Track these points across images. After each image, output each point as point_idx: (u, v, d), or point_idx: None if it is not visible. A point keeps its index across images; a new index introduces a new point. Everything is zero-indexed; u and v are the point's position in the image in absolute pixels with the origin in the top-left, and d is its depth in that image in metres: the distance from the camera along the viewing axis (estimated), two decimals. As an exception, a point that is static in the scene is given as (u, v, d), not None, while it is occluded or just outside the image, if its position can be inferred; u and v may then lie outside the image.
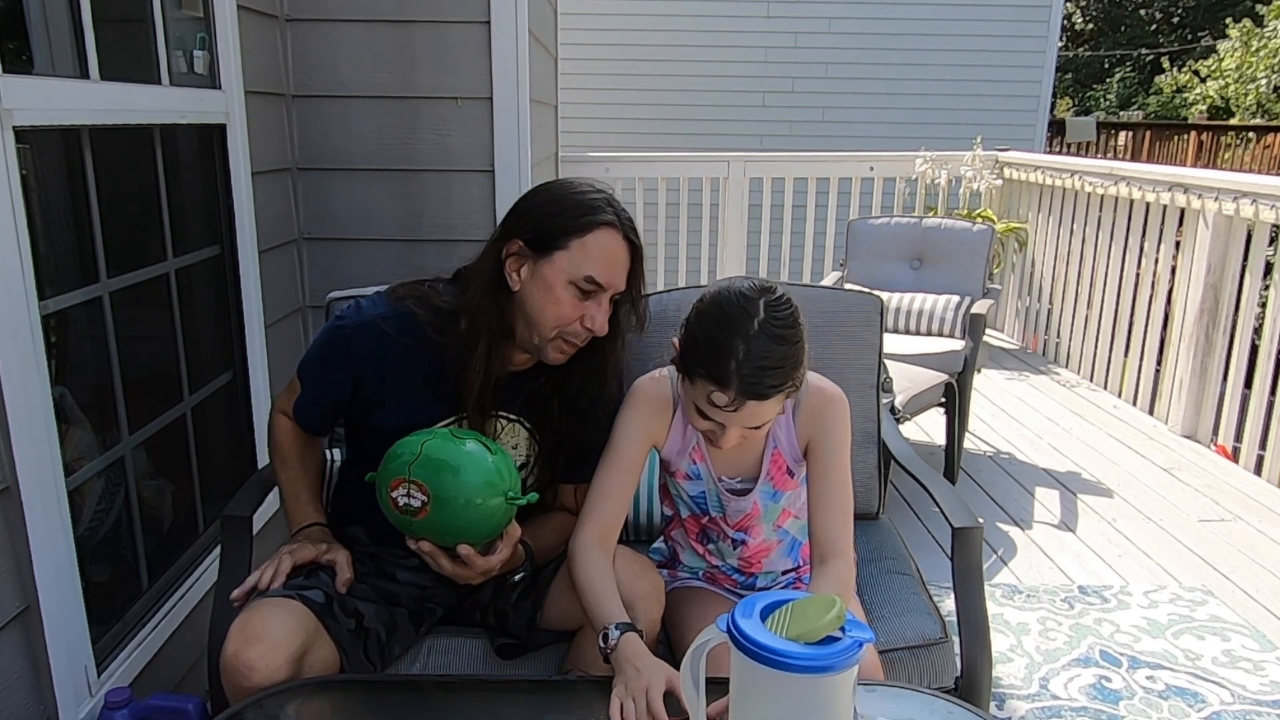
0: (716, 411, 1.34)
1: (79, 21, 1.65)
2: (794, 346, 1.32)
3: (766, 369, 1.29)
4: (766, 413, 1.34)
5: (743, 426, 1.36)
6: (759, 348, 1.28)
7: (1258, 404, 3.62)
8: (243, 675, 1.27)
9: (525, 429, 1.55)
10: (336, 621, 1.40)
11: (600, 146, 5.98)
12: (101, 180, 1.73)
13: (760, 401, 1.31)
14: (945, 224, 4.08)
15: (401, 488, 1.30)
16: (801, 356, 1.34)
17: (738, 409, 1.31)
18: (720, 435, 1.38)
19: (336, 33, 2.60)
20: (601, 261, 1.39)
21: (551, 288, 1.39)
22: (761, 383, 1.29)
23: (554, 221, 1.40)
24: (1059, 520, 3.18)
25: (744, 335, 1.29)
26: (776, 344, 1.30)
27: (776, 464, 1.51)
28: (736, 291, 1.33)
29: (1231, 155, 11.88)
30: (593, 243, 1.38)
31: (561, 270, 1.39)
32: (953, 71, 7.18)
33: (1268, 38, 15.03)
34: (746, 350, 1.28)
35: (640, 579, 1.44)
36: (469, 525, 1.32)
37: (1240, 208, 3.65)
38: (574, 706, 1.29)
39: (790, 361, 1.32)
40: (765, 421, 1.37)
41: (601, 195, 1.43)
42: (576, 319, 1.40)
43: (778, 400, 1.34)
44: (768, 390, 1.30)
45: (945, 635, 1.61)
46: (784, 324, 1.31)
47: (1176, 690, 2.21)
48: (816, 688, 1.00)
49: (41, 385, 1.49)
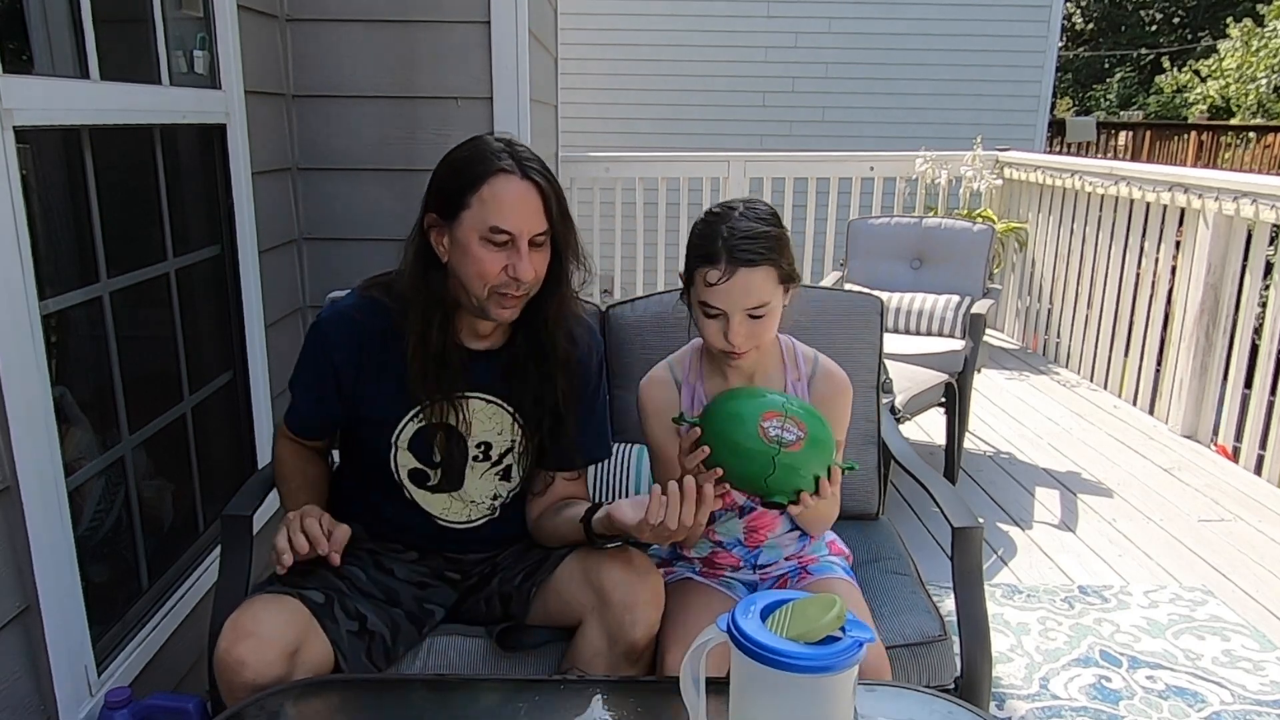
0: (714, 294, 1.42)
1: (79, 21, 1.65)
2: (775, 229, 1.46)
3: (750, 237, 1.42)
4: (759, 287, 1.42)
5: (742, 310, 1.42)
6: (742, 225, 1.43)
7: (1258, 404, 3.62)
8: (234, 671, 1.27)
9: (506, 411, 1.55)
10: (335, 622, 1.40)
11: (600, 146, 5.97)
12: (102, 180, 1.73)
13: (749, 269, 1.40)
14: (945, 224, 4.08)
15: (777, 419, 1.33)
16: (785, 244, 1.46)
17: (729, 278, 1.40)
18: (727, 330, 1.43)
19: (336, 33, 2.60)
20: (502, 208, 1.38)
21: (468, 248, 1.40)
22: (747, 249, 1.41)
23: (453, 183, 1.41)
24: (1059, 520, 3.18)
25: (727, 221, 1.44)
26: (757, 223, 1.44)
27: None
28: (723, 201, 1.50)
29: (1231, 155, 11.88)
30: (489, 193, 1.38)
31: (471, 229, 1.39)
32: (953, 71, 7.18)
33: (1268, 37, 15.02)
34: (730, 229, 1.42)
35: (640, 584, 1.43)
36: (808, 477, 1.34)
37: (1240, 208, 3.65)
38: (574, 706, 1.29)
39: (773, 239, 1.44)
40: (762, 303, 1.43)
41: (499, 144, 1.42)
42: (499, 270, 1.39)
43: (767, 275, 1.42)
44: (754, 256, 1.41)
45: (944, 633, 1.61)
46: (762, 213, 1.47)
47: (1176, 690, 2.21)
48: (816, 688, 1.00)
49: (41, 385, 1.49)
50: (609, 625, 1.41)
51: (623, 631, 1.40)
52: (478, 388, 1.52)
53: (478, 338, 1.52)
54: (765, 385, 1.57)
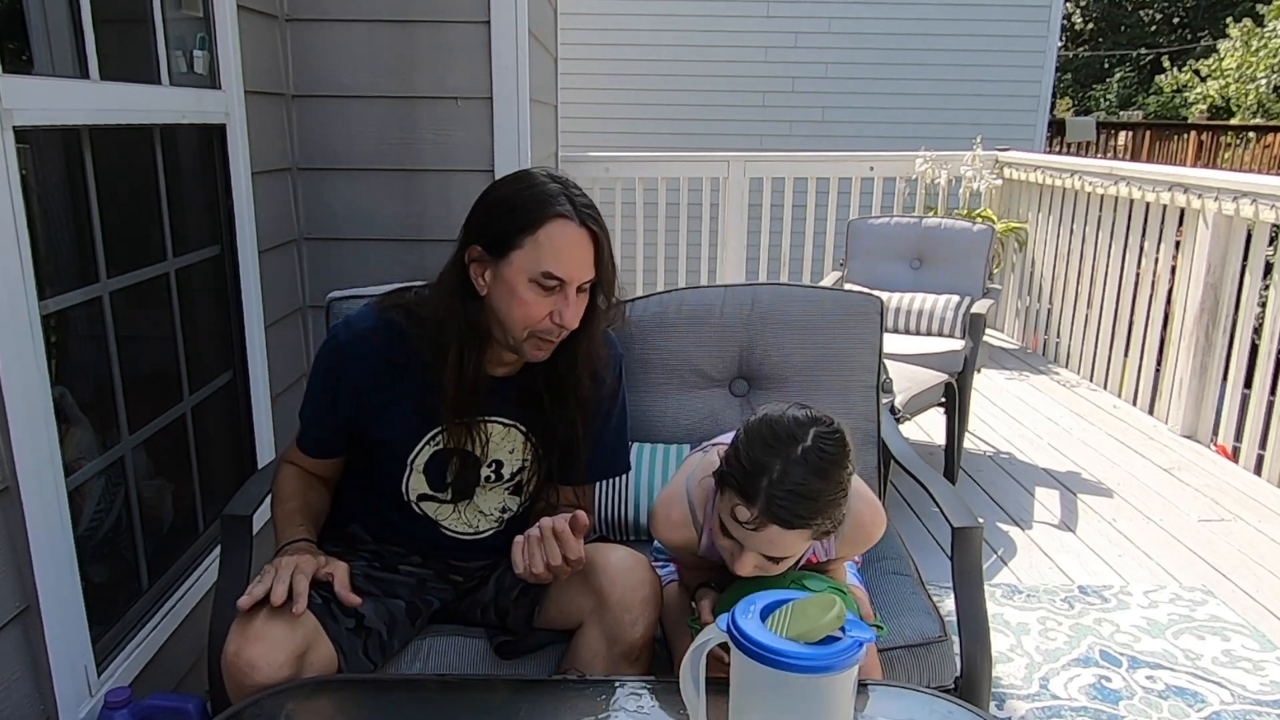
0: (738, 529, 1.25)
1: (79, 21, 1.65)
2: (833, 484, 1.24)
3: (797, 495, 1.21)
4: (788, 545, 1.26)
5: (760, 554, 1.27)
6: (796, 473, 1.21)
7: (1258, 404, 3.62)
8: (244, 674, 1.27)
9: (520, 432, 1.55)
10: (335, 621, 1.40)
11: (600, 146, 5.97)
12: (101, 180, 1.73)
13: (783, 529, 1.23)
14: (945, 224, 4.08)
15: None
16: (840, 498, 1.25)
17: (758, 529, 1.23)
18: (737, 558, 1.29)
19: (336, 33, 2.60)
20: (558, 255, 1.35)
21: (514, 289, 1.36)
22: (788, 508, 1.21)
23: (506, 221, 1.37)
24: (1059, 520, 3.18)
25: (784, 458, 1.21)
26: (815, 475, 1.21)
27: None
28: (790, 417, 1.25)
29: (1231, 155, 11.88)
30: (545, 238, 1.34)
31: (520, 270, 1.36)
32: (953, 71, 7.18)
33: (1268, 37, 15.02)
34: (783, 472, 1.21)
35: (638, 585, 1.43)
36: None
37: (1240, 208, 3.65)
38: (574, 707, 1.29)
39: (826, 498, 1.23)
40: (785, 556, 1.28)
41: (555, 185, 1.38)
42: (545, 316, 1.38)
43: (802, 536, 1.25)
44: (794, 518, 1.21)
45: (944, 634, 1.61)
46: (829, 457, 1.23)
47: (1176, 690, 2.21)
48: (816, 688, 1.00)
49: (41, 385, 1.49)
50: (608, 626, 1.41)
51: (622, 632, 1.40)
52: (497, 412, 1.52)
53: (500, 365, 1.51)
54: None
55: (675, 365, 1.98)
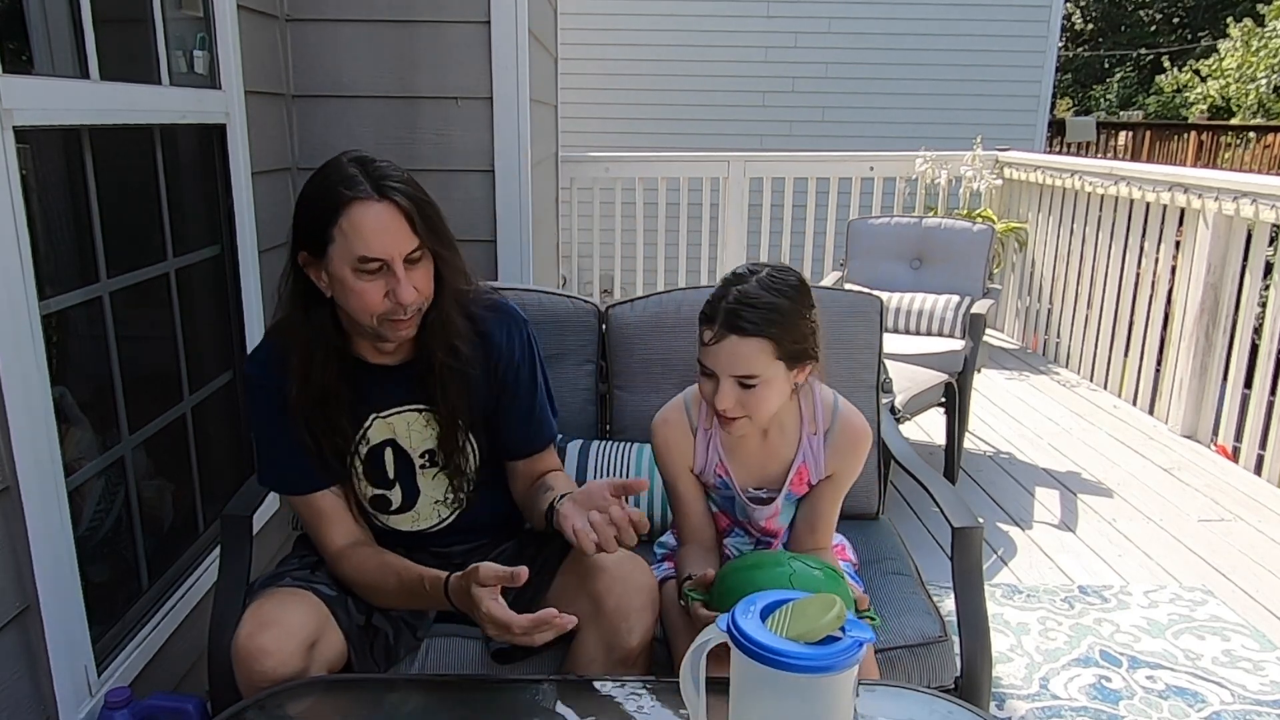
0: (705, 354, 1.40)
1: (79, 21, 1.65)
2: (786, 301, 1.38)
3: (748, 304, 1.36)
4: (749, 358, 1.37)
5: (730, 376, 1.38)
6: (749, 289, 1.38)
7: (1258, 404, 3.61)
8: (256, 660, 1.27)
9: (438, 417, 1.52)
10: (348, 614, 1.40)
11: (600, 146, 5.97)
12: (101, 180, 1.73)
13: (739, 338, 1.36)
14: (945, 224, 4.08)
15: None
16: (796, 320, 1.39)
17: (718, 342, 1.37)
18: (716, 394, 1.40)
19: (336, 33, 2.60)
20: (365, 237, 1.31)
21: (344, 282, 1.34)
22: (740, 315, 1.35)
23: (312, 219, 1.35)
24: (1059, 520, 3.18)
25: (741, 284, 1.39)
26: (765, 291, 1.38)
27: (800, 475, 1.55)
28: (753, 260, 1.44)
29: (1231, 155, 11.87)
30: (349, 225, 1.31)
31: (341, 262, 1.33)
32: (953, 71, 7.18)
33: (1268, 37, 15.01)
34: (739, 293, 1.38)
35: (635, 592, 1.42)
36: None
37: (1240, 208, 3.65)
38: (573, 706, 1.29)
39: (779, 312, 1.37)
40: (751, 374, 1.38)
41: (353, 168, 1.34)
42: (381, 299, 1.34)
43: (761, 347, 1.36)
44: (747, 324, 1.35)
45: (944, 634, 1.61)
46: (780, 280, 1.39)
47: (1176, 690, 2.21)
48: (816, 688, 1.00)
49: (41, 385, 1.49)
50: (604, 633, 1.40)
51: (618, 639, 1.40)
52: (404, 401, 1.50)
53: (384, 354, 1.48)
54: (781, 437, 1.53)
55: (676, 365, 1.98)
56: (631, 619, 1.39)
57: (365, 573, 1.46)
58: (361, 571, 1.46)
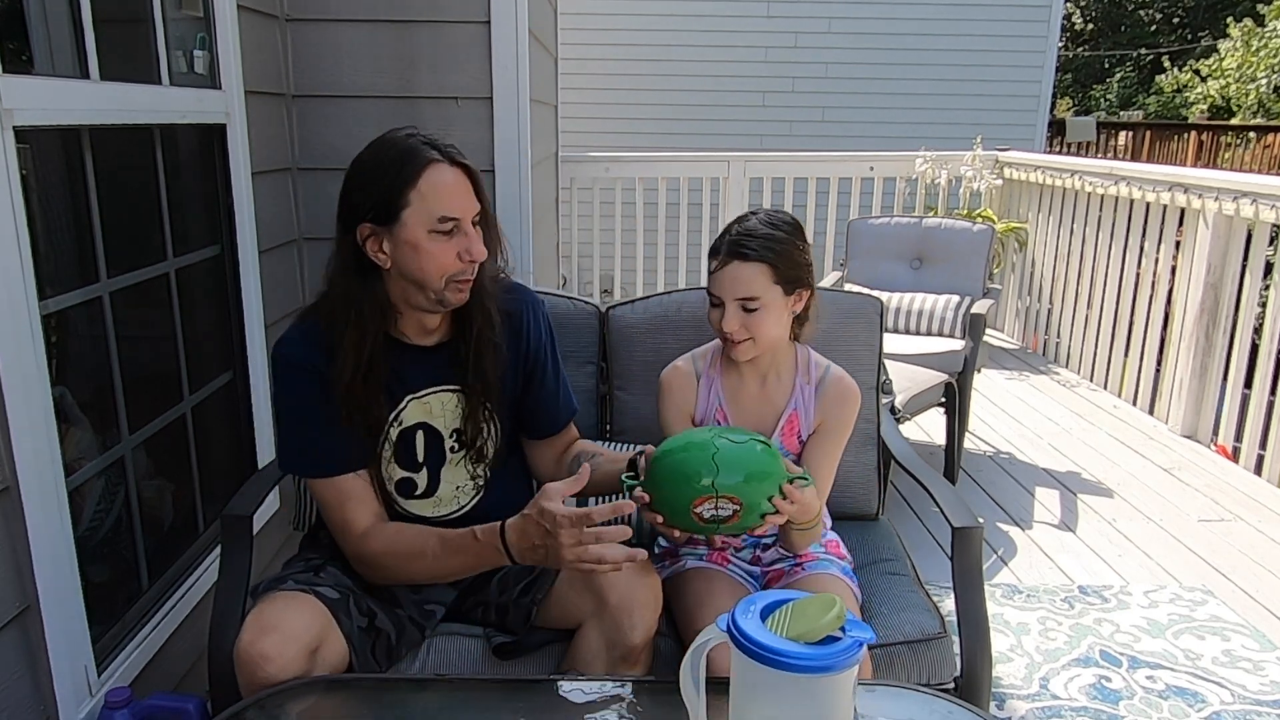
0: (712, 281, 1.56)
1: (79, 21, 1.65)
2: (783, 233, 1.55)
3: (750, 234, 1.54)
4: (750, 280, 1.52)
5: (734, 299, 1.53)
6: (750, 224, 1.56)
7: (1258, 404, 3.61)
8: (257, 665, 1.27)
9: (469, 397, 1.53)
10: (349, 617, 1.40)
11: (600, 146, 5.97)
12: (101, 180, 1.73)
13: (742, 262, 1.52)
14: (945, 224, 4.08)
15: (709, 504, 1.34)
16: (791, 250, 1.55)
17: (723, 268, 1.54)
18: (722, 320, 1.54)
19: (336, 33, 2.60)
20: (445, 197, 1.39)
21: (418, 245, 1.39)
22: (742, 244, 1.53)
23: (385, 187, 1.38)
24: (1059, 520, 3.18)
25: (742, 221, 1.58)
26: (763, 225, 1.55)
27: (791, 424, 1.63)
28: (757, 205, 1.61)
29: (1231, 155, 11.87)
30: (428, 186, 1.38)
31: (417, 225, 1.38)
32: (953, 71, 7.18)
33: (1268, 37, 15.00)
34: (741, 228, 1.56)
35: (638, 587, 1.43)
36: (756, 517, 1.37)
37: (1240, 208, 3.65)
38: (573, 707, 1.29)
39: (776, 241, 1.53)
40: (752, 295, 1.52)
41: (415, 138, 1.42)
42: (455, 258, 1.40)
43: (760, 270, 1.52)
44: (748, 251, 1.52)
45: (944, 630, 1.61)
46: (778, 218, 1.57)
47: (1176, 690, 2.21)
48: (816, 688, 1.00)
49: (41, 385, 1.49)
50: (607, 629, 1.41)
51: (621, 635, 1.40)
52: (438, 382, 1.52)
53: (426, 334, 1.51)
54: (777, 384, 1.65)
55: (675, 365, 1.98)
56: (634, 615, 1.40)
57: (401, 540, 1.45)
58: (397, 540, 1.46)
